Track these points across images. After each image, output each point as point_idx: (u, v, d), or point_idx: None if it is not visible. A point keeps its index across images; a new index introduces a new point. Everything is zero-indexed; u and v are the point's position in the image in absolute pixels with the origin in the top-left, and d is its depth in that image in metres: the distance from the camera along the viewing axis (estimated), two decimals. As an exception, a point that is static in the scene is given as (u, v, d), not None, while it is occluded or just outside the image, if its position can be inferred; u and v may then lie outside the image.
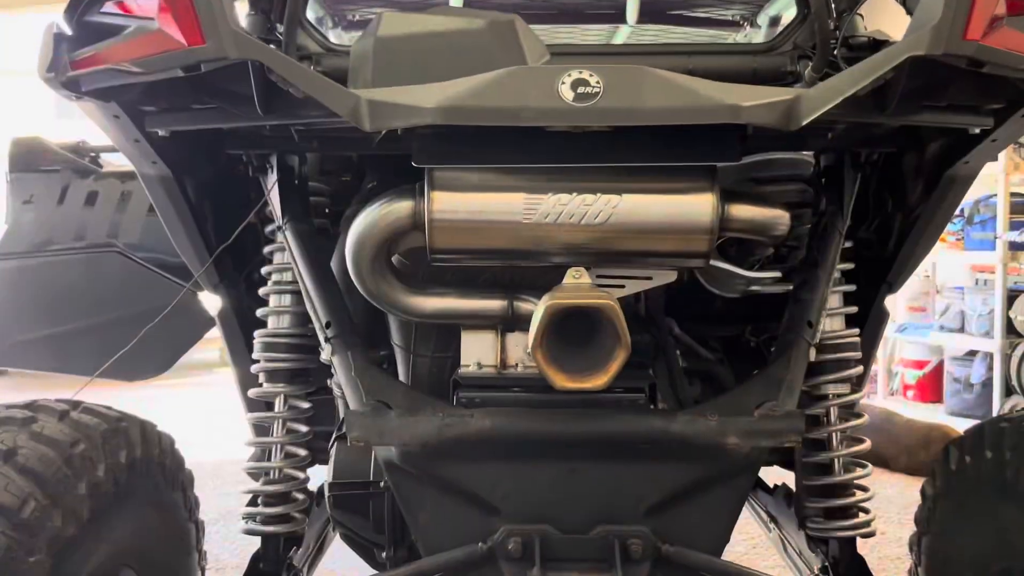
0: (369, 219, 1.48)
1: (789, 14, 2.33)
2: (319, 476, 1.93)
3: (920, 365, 5.80)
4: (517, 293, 1.58)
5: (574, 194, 1.40)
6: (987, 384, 5.18)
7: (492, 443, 1.49)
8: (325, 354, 1.65)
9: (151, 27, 1.27)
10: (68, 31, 1.35)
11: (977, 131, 1.52)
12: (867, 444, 1.88)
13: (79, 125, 3.33)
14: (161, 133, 1.54)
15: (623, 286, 1.55)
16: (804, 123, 1.26)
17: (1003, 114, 1.47)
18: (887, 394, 6.00)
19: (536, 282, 1.61)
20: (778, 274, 1.69)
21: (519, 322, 1.57)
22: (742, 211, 1.48)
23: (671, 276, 1.57)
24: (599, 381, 1.38)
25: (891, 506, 3.97)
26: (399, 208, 1.46)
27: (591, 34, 2.78)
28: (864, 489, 1.85)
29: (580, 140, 1.38)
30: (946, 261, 5.74)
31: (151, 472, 1.64)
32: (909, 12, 1.56)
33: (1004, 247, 4.93)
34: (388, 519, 1.73)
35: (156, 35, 1.26)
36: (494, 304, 1.57)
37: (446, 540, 1.54)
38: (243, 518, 1.86)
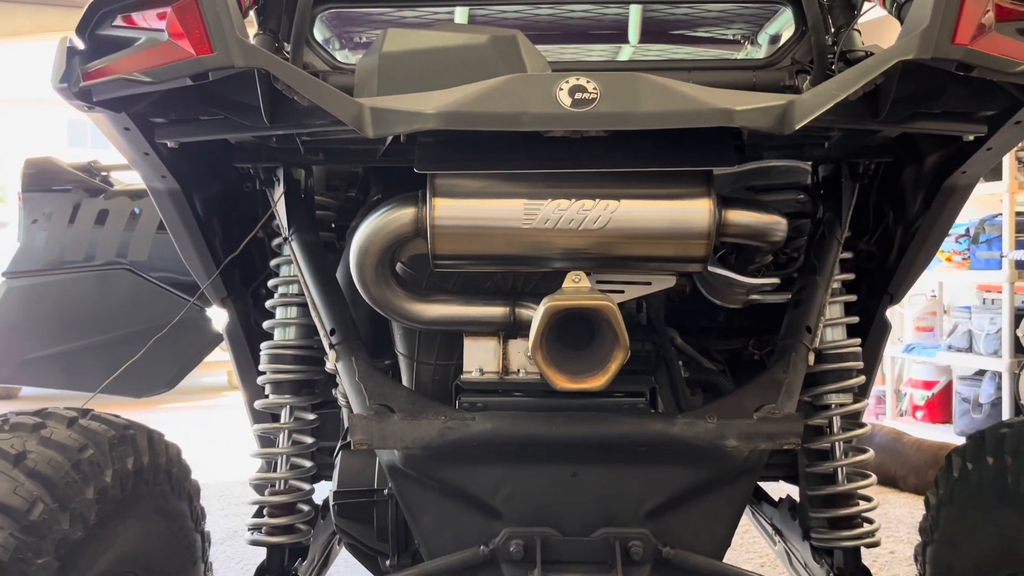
0: (373, 226, 1.51)
1: (788, 31, 2.37)
2: (323, 491, 1.94)
3: (929, 385, 5.77)
4: (519, 300, 1.60)
5: (573, 199, 1.42)
6: (996, 404, 5.15)
7: (494, 446, 1.51)
8: (330, 361, 1.67)
9: (161, 38, 1.31)
10: (80, 45, 1.39)
11: (972, 139, 1.54)
12: (870, 454, 1.89)
13: (92, 153, 3.38)
14: (170, 145, 1.57)
15: (623, 291, 1.57)
16: (797, 127, 1.28)
17: (997, 121, 1.49)
18: (896, 415, 5.97)
19: (538, 289, 1.63)
20: (777, 280, 1.70)
21: (521, 329, 1.59)
22: (739, 216, 1.50)
23: (670, 282, 1.59)
24: (598, 382, 1.40)
25: (900, 526, 3.94)
26: (402, 215, 1.49)
27: (595, 52, 2.82)
28: (868, 499, 1.86)
29: (578, 146, 1.41)
30: (952, 281, 5.73)
31: (158, 480, 1.66)
32: (902, 21, 1.59)
33: (1010, 266, 4.93)
34: (392, 526, 1.74)
35: (165, 46, 1.30)
36: (496, 311, 1.59)
37: (448, 543, 1.55)
38: (248, 529, 1.87)
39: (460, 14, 2.52)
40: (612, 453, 1.53)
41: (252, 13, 2.06)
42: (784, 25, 2.57)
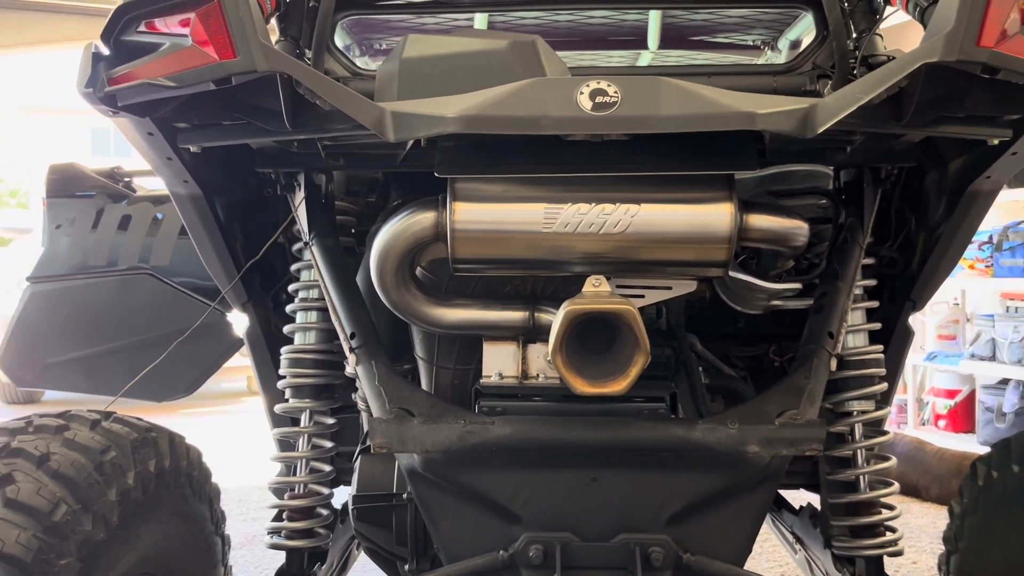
0: (393, 230, 1.51)
1: (809, 36, 2.36)
2: (342, 495, 1.95)
3: (951, 394, 5.71)
4: (538, 304, 1.60)
5: (593, 203, 1.42)
6: (1020, 413, 5.08)
7: (513, 450, 1.51)
8: (350, 365, 1.67)
9: (185, 43, 1.32)
10: (105, 51, 1.40)
11: (996, 143, 1.53)
12: (893, 462, 1.87)
13: (115, 160, 3.42)
14: (193, 150, 1.58)
15: (643, 296, 1.57)
16: (820, 130, 1.27)
17: (1022, 125, 1.47)
18: (918, 424, 5.91)
19: (557, 293, 1.63)
20: (798, 286, 1.69)
21: (540, 333, 1.59)
22: (760, 220, 1.49)
23: (691, 286, 1.58)
24: (618, 386, 1.39)
25: (923, 535, 3.90)
26: (422, 219, 1.49)
27: (615, 58, 2.82)
28: (890, 507, 1.84)
29: (599, 149, 1.41)
30: (975, 288, 5.67)
31: (179, 482, 1.67)
32: (924, 25, 1.58)
33: (1034, 274, 4.88)
34: (411, 531, 1.74)
35: (189, 51, 1.31)
36: (516, 315, 1.59)
37: (467, 548, 1.55)
38: (268, 533, 1.88)
39: (480, 20, 2.53)
40: (632, 458, 1.52)
41: (274, 20, 2.08)
42: (804, 30, 2.56)
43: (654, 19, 2.62)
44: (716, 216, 1.43)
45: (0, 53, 8.75)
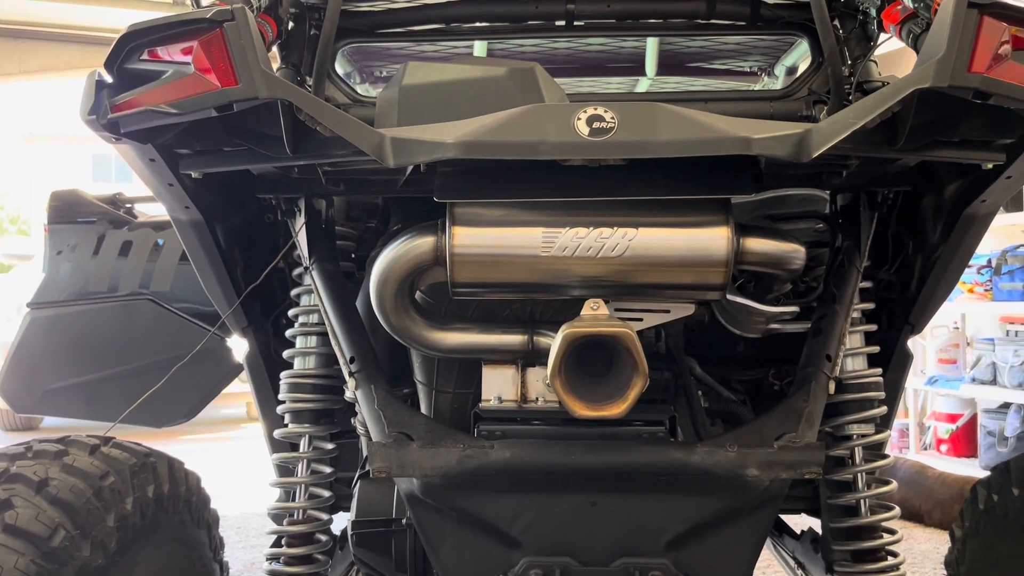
0: (393, 255, 1.52)
1: (805, 62, 2.39)
2: (341, 521, 1.94)
3: (953, 418, 5.69)
4: (537, 328, 1.61)
5: (591, 228, 1.43)
6: (1022, 437, 5.06)
7: (512, 475, 1.51)
8: (349, 390, 1.68)
9: (187, 71, 1.34)
10: (109, 79, 1.42)
11: (991, 167, 1.54)
12: (893, 485, 1.86)
13: (116, 186, 3.43)
14: (194, 176, 1.59)
15: (641, 319, 1.57)
16: (815, 155, 1.28)
17: (1016, 149, 1.49)
18: (920, 448, 5.88)
19: (556, 317, 1.63)
20: (796, 309, 1.70)
21: (539, 357, 1.59)
22: (757, 244, 1.50)
23: (688, 309, 1.59)
24: (617, 409, 1.40)
25: (926, 561, 3.87)
26: (422, 244, 1.50)
27: (613, 84, 2.85)
28: (892, 532, 1.83)
29: (597, 174, 1.43)
30: (975, 312, 5.67)
31: (177, 508, 1.67)
32: (917, 51, 1.60)
33: (1034, 297, 4.88)
34: (410, 556, 1.73)
35: (192, 78, 1.33)
36: (514, 339, 1.60)
37: (467, 573, 1.54)
38: (267, 559, 1.87)
39: (479, 48, 2.56)
40: (631, 482, 1.52)
41: (275, 48, 2.11)
42: (801, 56, 2.59)
43: (652, 46, 2.65)
44: (713, 240, 1.45)
45: (3, 82, 8.83)
